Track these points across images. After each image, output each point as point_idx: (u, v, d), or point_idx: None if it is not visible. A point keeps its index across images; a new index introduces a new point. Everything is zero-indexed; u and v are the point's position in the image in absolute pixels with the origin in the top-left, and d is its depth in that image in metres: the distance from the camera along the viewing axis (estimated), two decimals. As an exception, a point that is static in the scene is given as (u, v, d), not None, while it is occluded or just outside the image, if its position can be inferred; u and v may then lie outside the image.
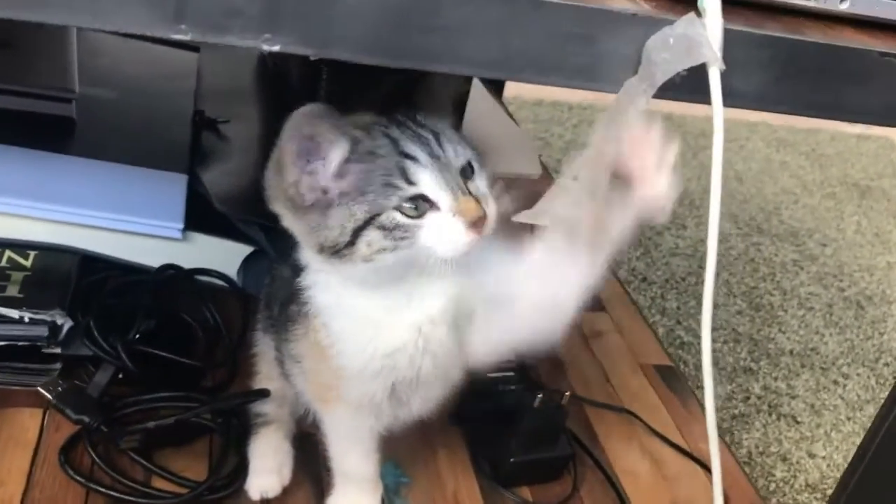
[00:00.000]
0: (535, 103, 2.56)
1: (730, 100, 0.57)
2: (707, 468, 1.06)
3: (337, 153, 0.66)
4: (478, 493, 0.96)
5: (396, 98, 0.74)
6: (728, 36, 0.55)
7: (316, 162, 0.66)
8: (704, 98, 0.58)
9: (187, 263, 1.06)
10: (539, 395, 0.94)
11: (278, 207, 0.70)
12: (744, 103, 0.58)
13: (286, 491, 0.90)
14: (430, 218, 0.67)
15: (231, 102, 1.31)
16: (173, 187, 1.08)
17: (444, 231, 0.67)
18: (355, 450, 0.86)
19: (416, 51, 0.52)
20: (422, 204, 0.67)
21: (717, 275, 1.92)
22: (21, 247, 1.00)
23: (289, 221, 0.71)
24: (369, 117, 0.71)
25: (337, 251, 0.68)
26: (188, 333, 1.03)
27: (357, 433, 0.84)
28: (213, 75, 1.35)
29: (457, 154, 0.69)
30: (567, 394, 0.96)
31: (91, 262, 1.03)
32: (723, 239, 2.08)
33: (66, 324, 0.94)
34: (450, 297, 0.74)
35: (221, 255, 1.08)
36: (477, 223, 0.67)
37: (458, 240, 0.67)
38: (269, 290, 0.93)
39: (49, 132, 1.12)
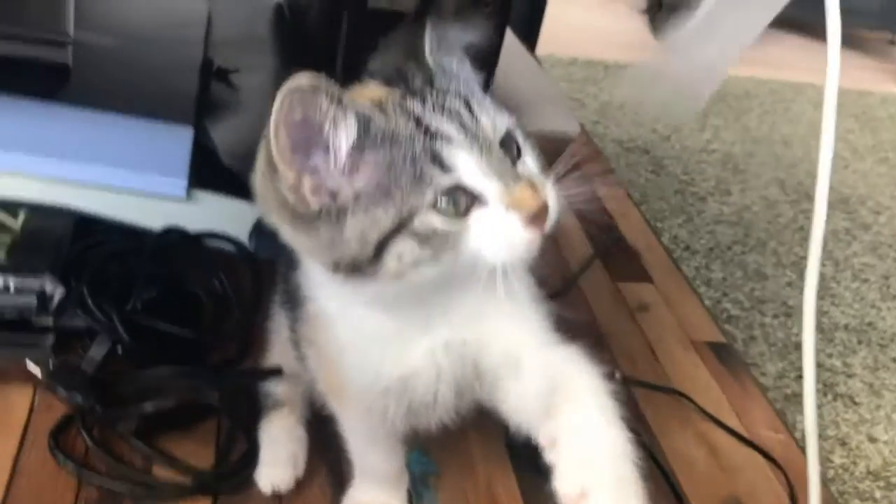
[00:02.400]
0: (569, 62, 2.44)
1: (850, 18, 0.45)
2: (770, 458, 0.95)
3: (343, 138, 0.51)
4: (514, 484, 0.86)
5: (418, 47, 0.61)
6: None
7: (317, 155, 0.52)
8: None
9: (193, 226, 0.97)
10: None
11: (275, 219, 0.55)
12: (865, 21, 0.46)
13: (299, 483, 0.80)
14: (477, 216, 0.53)
15: (244, 51, 1.21)
16: (177, 141, 0.99)
17: (496, 232, 0.53)
18: (374, 449, 0.76)
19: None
20: (462, 198, 0.52)
21: (765, 244, 1.81)
22: (9, 206, 0.91)
23: (290, 236, 0.56)
24: (380, 89, 0.56)
25: (357, 268, 0.54)
26: (194, 304, 0.93)
27: (375, 435, 0.73)
28: (224, 22, 1.24)
29: (495, 124, 0.54)
30: (617, 375, 0.85)
31: (87, 224, 0.93)
32: (770, 205, 1.96)
33: (57, 292, 0.85)
34: (470, 321, 0.60)
35: (231, 217, 0.97)
36: (537, 216, 0.52)
37: (516, 241, 0.53)
38: (286, 258, 0.81)
39: (41, 79, 1.03)
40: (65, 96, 1.00)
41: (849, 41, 0.63)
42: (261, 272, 0.96)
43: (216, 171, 0.97)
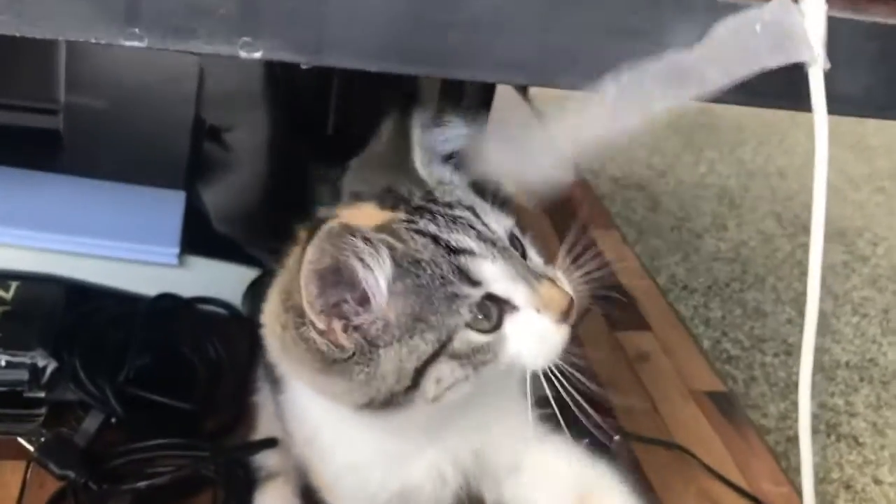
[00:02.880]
0: (563, 97, 2.44)
1: (831, 106, 0.45)
2: (772, 512, 0.94)
3: (381, 276, 0.50)
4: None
5: (413, 100, 0.60)
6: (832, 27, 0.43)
7: (345, 292, 0.50)
8: (795, 103, 0.46)
9: (186, 291, 0.97)
10: (585, 441, 0.82)
11: (299, 370, 0.54)
12: (848, 109, 0.46)
13: (296, 555, 0.79)
14: (511, 323, 0.52)
15: (236, 109, 1.20)
16: (169, 207, 0.99)
17: (533, 335, 0.52)
18: None
19: (434, 55, 0.40)
20: (491, 308, 0.52)
21: (763, 280, 1.80)
22: (0, 277, 0.90)
23: (317, 384, 0.54)
24: (375, 210, 0.55)
25: (391, 401, 0.52)
26: (187, 370, 0.93)
27: None
28: (216, 80, 1.24)
29: (503, 227, 0.55)
30: (616, 438, 0.85)
31: (79, 293, 0.93)
32: (766, 240, 1.96)
33: (49, 365, 0.85)
34: (475, 428, 0.60)
35: (223, 281, 0.97)
36: (567, 312, 0.53)
37: (553, 340, 0.53)
38: None
39: (32, 148, 1.03)
40: (56, 165, 1.00)
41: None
42: (255, 335, 0.96)
43: (208, 236, 0.97)
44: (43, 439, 0.83)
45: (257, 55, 0.40)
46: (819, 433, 1.42)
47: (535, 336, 0.52)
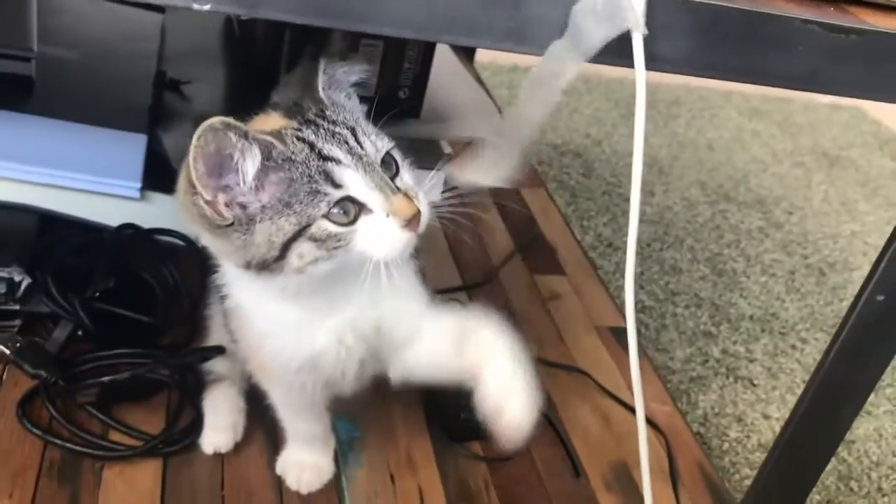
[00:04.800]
0: (510, 69, 2.57)
1: (654, 64, 0.58)
2: (656, 428, 1.09)
3: (250, 164, 0.63)
4: (430, 448, 0.99)
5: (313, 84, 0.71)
6: (652, 2, 0.57)
7: (228, 176, 0.63)
8: (629, 62, 0.59)
9: (146, 223, 1.08)
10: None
11: (196, 228, 0.67)
12: (668, 68, 0.60)
13: (239, 445, 0.92)
14: (363, 222, 0.65)
15: (194, 64, 1.32)
16: (132, 147, 1.09)
17: (379, 234, 0.65)
18: (302, 417, 0.89)
19: (343, 11, 0.53)
20: (350, 207, 0.65)
21: (682, 241, 1.96)
22: (-21, 205, 1.01)
23: (208, 241, 0.68)
24: (279, 118, 0.68)
25: (265, 266, 0.66)
26: (147, 292, 1.04)
27: (300, 405, 0.86)
28: (177, 36, 1.35)
29: (376, 147, 0.67)
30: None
31: (50, 221, 1.04)
32: (690, 206, 2.11)
33: (24, 281, 0.96)
34: (369, 304, 0.73)
35: (180, 215, 1.08)
36: (412, 221, 0.65)
37: (395, 241, 0.66)
38: None
39: (7, 91, 1.13)
40: (30, 107, 1.11)
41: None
42: (207, 264, 1.08)
43: (167, 175, 1.08)
44: (18, 344, 0.94)
45: (207, 7, 0.52)
46: (719, 375, 1.58)
47: (381, 234, 0.66)
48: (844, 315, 0.80)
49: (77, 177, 1.04)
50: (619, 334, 1.24)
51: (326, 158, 0.65)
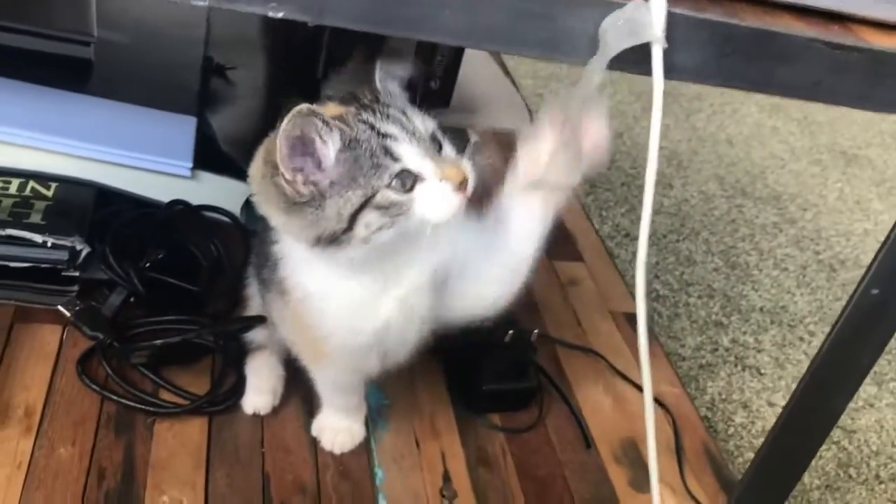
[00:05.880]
0: (534, 59, 2.63)
1: (672, 73, 0.65)
2: (665, 408, 1.16)
3: (332, 148, 0.70)
4: (452, 418, 1.06)
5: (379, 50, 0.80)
6: (672, 19, 0.63)
7: (307, 158, 0.70)
8: (648, 70, 0.66)
9: (195, 200, 1.15)
10: (511, 332, 1.03)
11: (270, 209, 0.74)
12: (684, 77, 0.66)
13: (277, 408, 1.00)
14: (420, 189, 0.72)
15: (239, 51, 1.39)
16: (183, 128, 1.17)
17: (435, 198, 0.73)
18: (342, 392, 0.96)
19: (398, 20, 0.60)
20: (407, 178, 0.72)
21: (698, 233, 2.02)
22: (43, 178, 1.09)
23: (282, 220, 0.74)
24: (336, 107, 0.75)
25: (334, 239, 0.72)
26: (194, 264, 1.11)
27: (344, 383, 0.94)
28: (222, 24, 1.43)
29: (425, 126, 0.75)
30: (536, 331, 1.06)
31: (106, 196, 1.11)
32: (707, 199, 2.17)
33: (84, 250, 1.03)
34: (430, 267, 0.80)
35: (226, 194, 1.16)
36: (462, 184, 0.73)
37: (449, 203, 0.73)
38: (259, 242, 0.94)
39: (69, 72, 1.20)
40: (89, 88, 1.18)
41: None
42: (249, 240, 1.15)
43: (215, 155, 1.15)
44: (77, 308, 1.02)
45: (280, 15, 0.60)
46: (728, 363, 1.64)
47: (436, 199, 0.73)
48: (843, 307, 0.86)
49: (132, 155, 1.11)
50: (633, 320, 1.29)
51: (385, 136, 0.72)
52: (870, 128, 2.80)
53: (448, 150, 0.77)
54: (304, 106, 0.68)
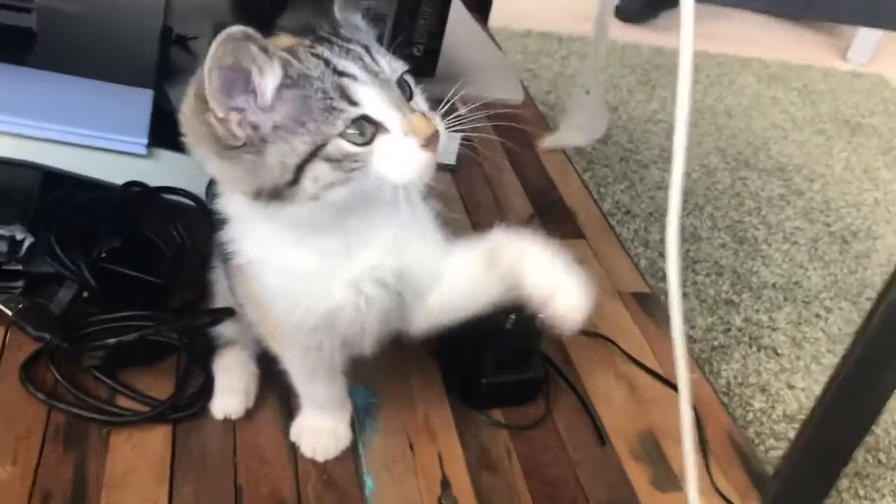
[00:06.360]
0: (523, 34, 2.51)
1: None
2: (682, 393, 1.05)
3: (270, 81, 0.59)
4: (449, 415, 0.95)
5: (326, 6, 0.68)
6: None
7: (243, 94, 0.59)
8: None
9: (153, 181, 1.04)
10: (512, 317, 0.92)
11: (202, 152, 0.63)
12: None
13: (251, 411, 0.88)
14: (381, 141, 0.62)
15: (201, 19, 1.27)
16: (139, 102, 1.06)
17: (398, 154, 0.62)
18: (317, 380, 0.84)
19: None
20: (367, 127, 0.61)
21: (702, 208, 1.91)
22: (-20, 161, 0.97)
23: (215, 166, 0.64)
24: (289, 38, 0.64)
25: (277, 192, 0.61)
26: (154, 252, 1.00)
27: (316, 368, 0.82)
28: (184, -9, 1.31)
29: (392, 68, 0.64)
30: (541, 315, 0.94)
31: (53, 179, 1.00)
32: (709, 173, 2.06)
33: (26, 239, 0.92)
34: (388, 251, 0.69)
35: (188, 173, 1.04)
36: (430, 140, 0.62)
37: (414, 161, 0.62)
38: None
39: (8, 43, 1.09)
40: (31, 60, 1.06)
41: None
42: (215, 224, 1.04)
43: (175, 131, 1.04)
44: (21, 306, 0.91)
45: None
46: (742, 344, 1.54)
47: (399, 155, 0.62)
48: (884, 286, 0.75)
49: (81, 132, 1.00)
50: (642, 300, 1.20)
51: (342, 74, 0.61)
52: (872, 96, 2.70)
53: (420, 100, 0.65)
54: (236, 28, 0.57)
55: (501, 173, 1.41)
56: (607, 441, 0.96)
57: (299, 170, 0.61)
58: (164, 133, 1.04)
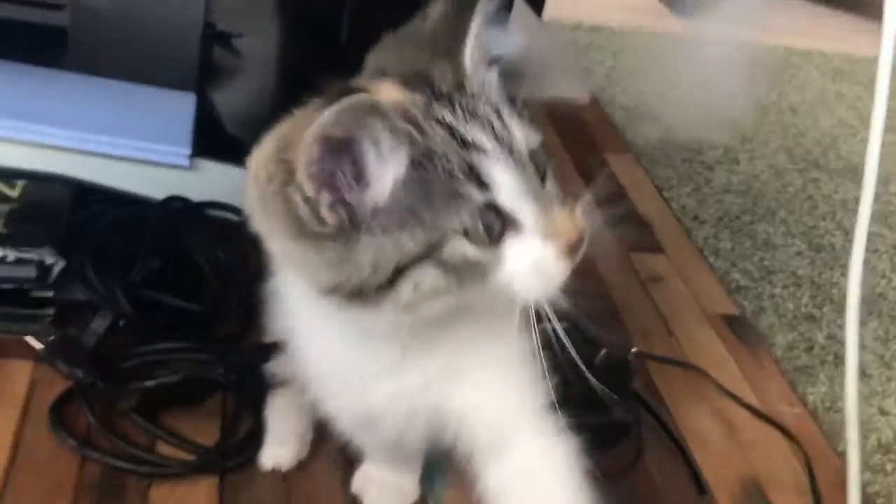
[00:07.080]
0: (573, 27, 2.40)
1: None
2: (788, 433, 0.94)
3: (390, 171, 0.46)
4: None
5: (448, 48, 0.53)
6: None
7: (344, 168, 0.46)
8: None
9: (196, 195, 0.96)
10: (602, 352, 0.81)
11: (269, 227, 0.50)
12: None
13: (305, 462, 0.79)
14: (512, 245, 0.48)
15: (245, 15, 1.18)
16: (180, 107, 0.99)
17: (533, 263, 0.48)
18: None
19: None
20: (493, 221, 0.47)
21: (774, 213, 1.79)
22: (7, 175, 0.90)
23: (284, 248, 0.50)
24: (397, 90, 0.49)
25: (360, 294, 0.47)
26: (197, 275, 0.92)
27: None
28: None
29: (527, 140, 0.49)
30: (633, 349, 0.84)
31: (87, 194, 0.93)
32: (778, 174, 1.94)
33: (57, 264, 0.85)
34: (452, 373, 0.56)
35: (235, 186, 0.94)
36: (574, 248, 0.48)
37: (552, 274, 0.48)
38: None
39: (38, 43, 1.02)
40: (62, 62, 0.99)
41: (855, 4, 0.60)
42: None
43: (220, 139, 0.96)
44: (51, 338, 0.82)
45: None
46: (826, 363, 1.41)
47: (533, 264, 0.48)
48: None
49: (117, 142, 0.92)
50: (734, 323, 1.10)
51: (469, 146, 0.47)
52: (943, 90, 2.56)
53: (551, 187, 0.50)
54: (363, 97, 0.44)
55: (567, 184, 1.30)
56: (708, 490, 0.85)
57: (399, 272, 0.47)
58: (208, 142, 0.96)
